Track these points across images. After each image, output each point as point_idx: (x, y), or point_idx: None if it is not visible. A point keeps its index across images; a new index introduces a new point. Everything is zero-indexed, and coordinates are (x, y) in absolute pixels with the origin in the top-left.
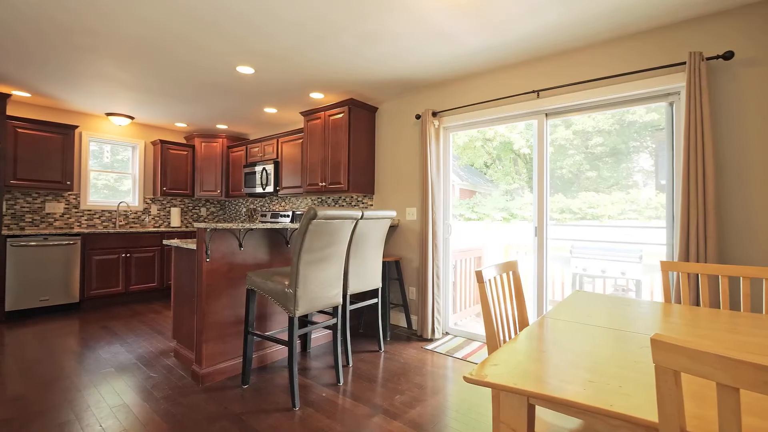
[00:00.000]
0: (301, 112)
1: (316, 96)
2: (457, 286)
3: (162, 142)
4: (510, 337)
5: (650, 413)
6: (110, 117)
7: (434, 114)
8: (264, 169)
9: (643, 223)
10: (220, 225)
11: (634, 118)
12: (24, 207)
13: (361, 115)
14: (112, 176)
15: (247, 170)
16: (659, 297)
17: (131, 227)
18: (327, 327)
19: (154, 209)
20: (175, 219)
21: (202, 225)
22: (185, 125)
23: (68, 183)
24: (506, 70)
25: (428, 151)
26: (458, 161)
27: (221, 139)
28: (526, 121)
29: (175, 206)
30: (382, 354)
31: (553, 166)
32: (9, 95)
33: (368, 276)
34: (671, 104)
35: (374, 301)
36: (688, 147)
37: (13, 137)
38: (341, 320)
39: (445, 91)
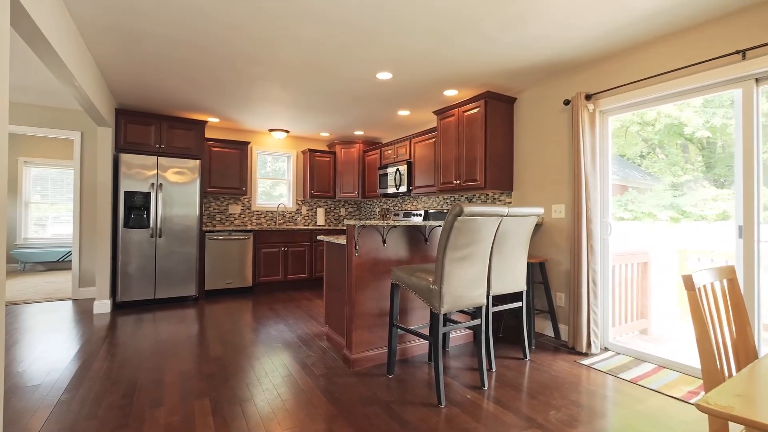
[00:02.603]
0: (433, 111)
1: (450, 93)
2: (615, 296)
3: (310, 150)
4: (728, 366)
5: None
6: (272, 132)
7: (588, 97)
8: (397, 170)
9: None
10: (367, 222)
11: None
12: (215, 209)
13: (497, 107)
14: (268, 183)
15: (381, 172)
16: None
17: (287, 225)
18: (469, 327)
19: (304, 210)
20: (321, 218)
21: (351, 222)
22: (328, 134)
23: (243, 189)
24: (688, 32)
25: (581, 140)
26: None
27: (358, 145)
28: (722, 92)
29: (320, 207)
30: (528, 363)
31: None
32: (206, 122)
33: (511, 277)
34: None
35: (518, 304)
36: None
37: (208, 154)
38: (485, 322)
39: (601, 70)
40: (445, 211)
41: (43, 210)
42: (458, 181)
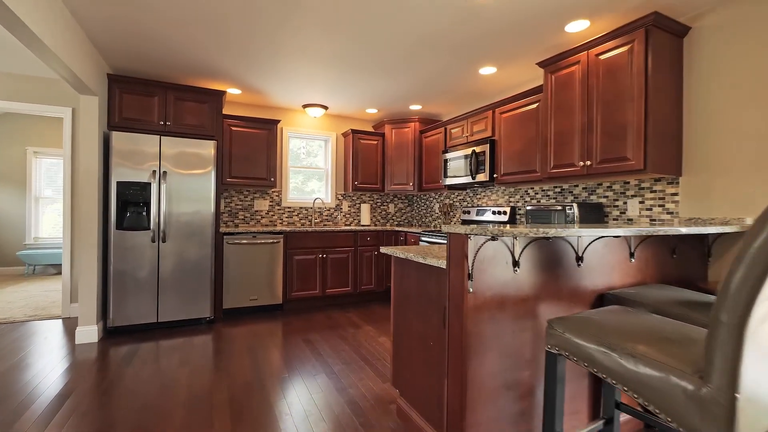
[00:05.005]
0: (538, 63)
1: (576, 27)
2: None
3: (353, 132)
4: None
5: None
6: (306, 108)
7: None
8: (473, 151)
9: None
10: (504, 230)
11: None
12: (237, 204)
13: (661, 43)
14: (300, 178)
15: (446, 156)
16: None
17: (325, 225)
18: None
19: (345, 206)
20: (365, 216)
21: (460, 230)
22: (375, 110)
23: (272, 179)
24: None
25: None
26: None
27: (413, 124)
28: None
29: (365, 202)
30: None
31: None
32: (224, 92)
33: None
34: None
35: None
36: None
37: (228, 136)
38: None
39: None
40: (559, 207)
41: (60, 207)
42: (587, 163)
